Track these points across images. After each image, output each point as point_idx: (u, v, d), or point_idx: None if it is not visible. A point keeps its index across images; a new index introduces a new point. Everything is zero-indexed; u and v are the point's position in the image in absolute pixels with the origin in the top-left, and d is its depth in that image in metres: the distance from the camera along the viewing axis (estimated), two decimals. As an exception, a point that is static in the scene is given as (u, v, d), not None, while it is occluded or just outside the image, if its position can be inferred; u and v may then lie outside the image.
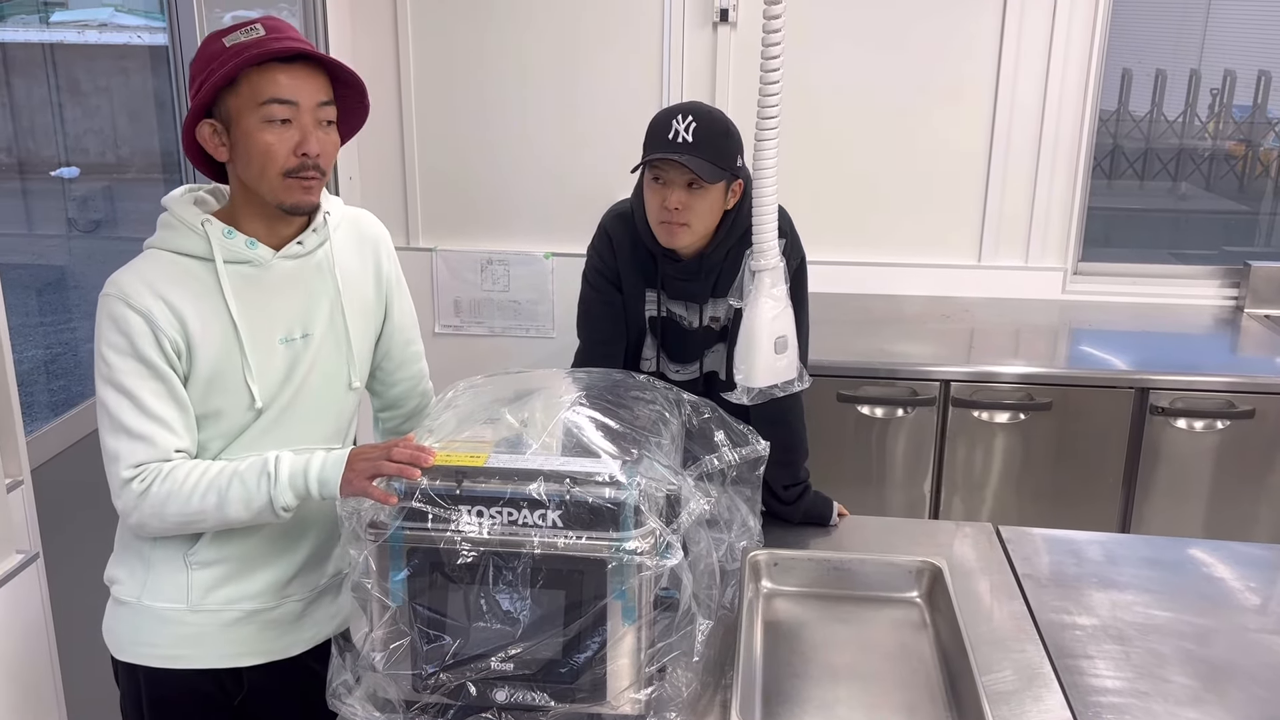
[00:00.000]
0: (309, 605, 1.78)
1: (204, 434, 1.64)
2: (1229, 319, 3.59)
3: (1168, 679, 1.68)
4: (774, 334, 1.73)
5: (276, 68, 1.55)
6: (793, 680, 1.67)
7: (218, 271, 1.61)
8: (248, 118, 1.56)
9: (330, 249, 1.72)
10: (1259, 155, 4.05)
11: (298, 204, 1.62)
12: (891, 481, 3.14)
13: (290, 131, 1.57)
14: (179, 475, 1.58)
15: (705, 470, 1.69)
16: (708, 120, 1.95)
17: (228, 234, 1.62)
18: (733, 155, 1.97)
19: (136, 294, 1.56)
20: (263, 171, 1.58)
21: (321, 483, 1.55)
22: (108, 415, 1.58)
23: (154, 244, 1.63)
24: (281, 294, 1.67)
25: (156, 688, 1.73)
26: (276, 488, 1.56)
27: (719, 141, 1.94)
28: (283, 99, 1.55)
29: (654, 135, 1.97)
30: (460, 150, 3.79)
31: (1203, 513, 3.07)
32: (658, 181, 1.97)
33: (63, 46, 3.28)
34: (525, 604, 1.39)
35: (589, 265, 2.19)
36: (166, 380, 1.58)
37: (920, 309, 3.61)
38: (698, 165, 1.91)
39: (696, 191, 1.95)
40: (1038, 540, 2.14)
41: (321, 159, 1.60)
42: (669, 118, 1.95)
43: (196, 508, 1.57)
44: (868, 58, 3.59)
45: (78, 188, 3.43)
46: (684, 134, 1.92)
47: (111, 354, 1.57)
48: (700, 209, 1.97)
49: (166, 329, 1.56)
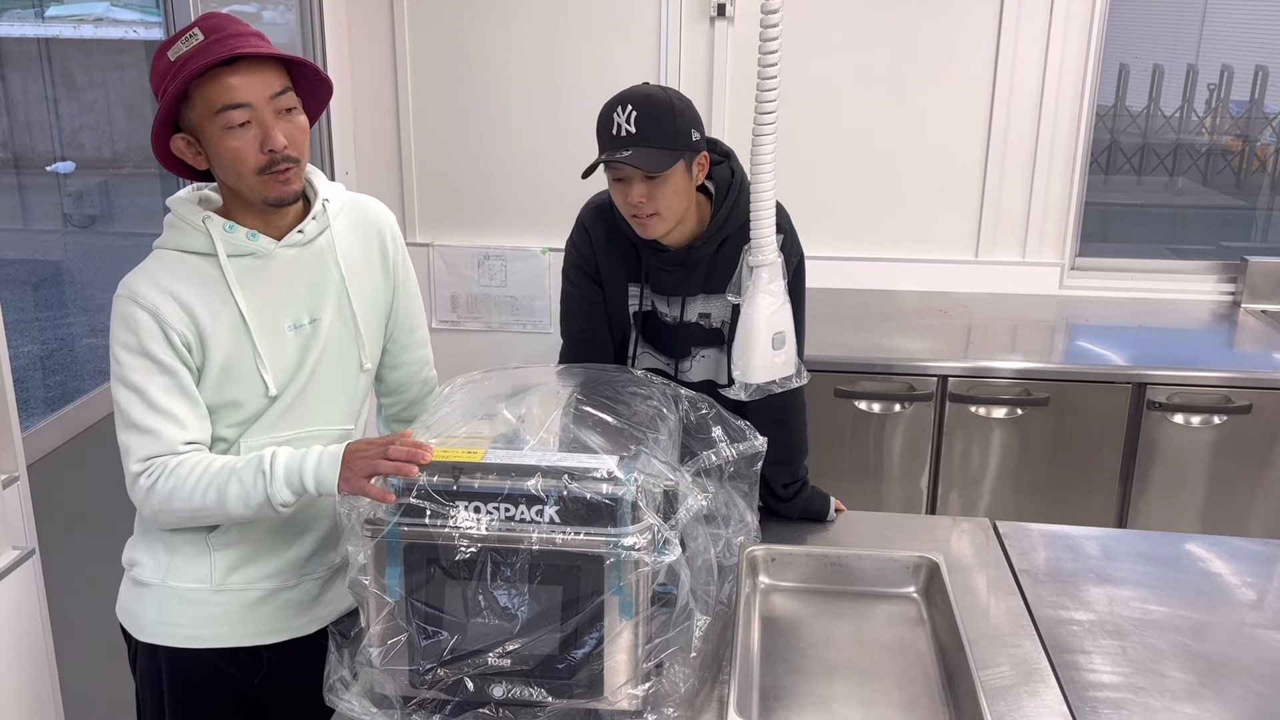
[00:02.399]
0: (326, 582, 1.81)
1: (222, 423, 1.67)
2: (1226, 314, 3.59)
3: (1164, 674, 1.68)
4: (772, 330, 1.73)
5: (222, 72, 1.54)
6: (790, 676, 1.67)
7: (222, 266, 1.64)
8: (209, 127, 1.57)
9: (331, 235, 1.74)
10: (1256, 150, 4.05)
11: (279, 197, 1.63)
12: (888, 477, 3.14)
13: (252, 131, 1.57)
14: (183, 471, 1.60)
15: (703, 466, 1.69)
16: (648, 104, 1.87)
17: (229, 228, 1.65)
18: (684, 133, 1.89)
19: (145, 292, 1.60)
20: (238, 174, 1.59)
21: (319, 480, 1.55)
22: (119, 411, 1.62)
23: (161, 244, 1.67)
24: (287, 282, 1.70)
25: (178, 668, 1.75)
26: (273, 485, 1.57)
27: (665, 124, 1.86)
28: (235, 103, 1.55)
29: (600, 132, 1.91)
30: (457, 145, 3.79)
31: (1199, 508, 3.07)
32: (616, 179, 1.92)
33: (58, 41, 3.27)
34: (523, 600, 1.39)
35: (567, 261, 2.15)
36: (175, 374, 1.61)
37: (917, 304, 3.62)
38: (645, 158, 1.85)
39: (655, 181, 1.88)
40: (1035, 535, 2.14)
41: (291, 148, 1.60)
42: (610, 111, 1.88)
43: (199, 504, 1.60)
44: (864, 53, 3.59)
45: (73, 183, 3.41)
46: (626, 126, 1.85)
47: (122, 351, 1.60)
48: (665, 195, 1.90)
49: (175, 325, 1.60)
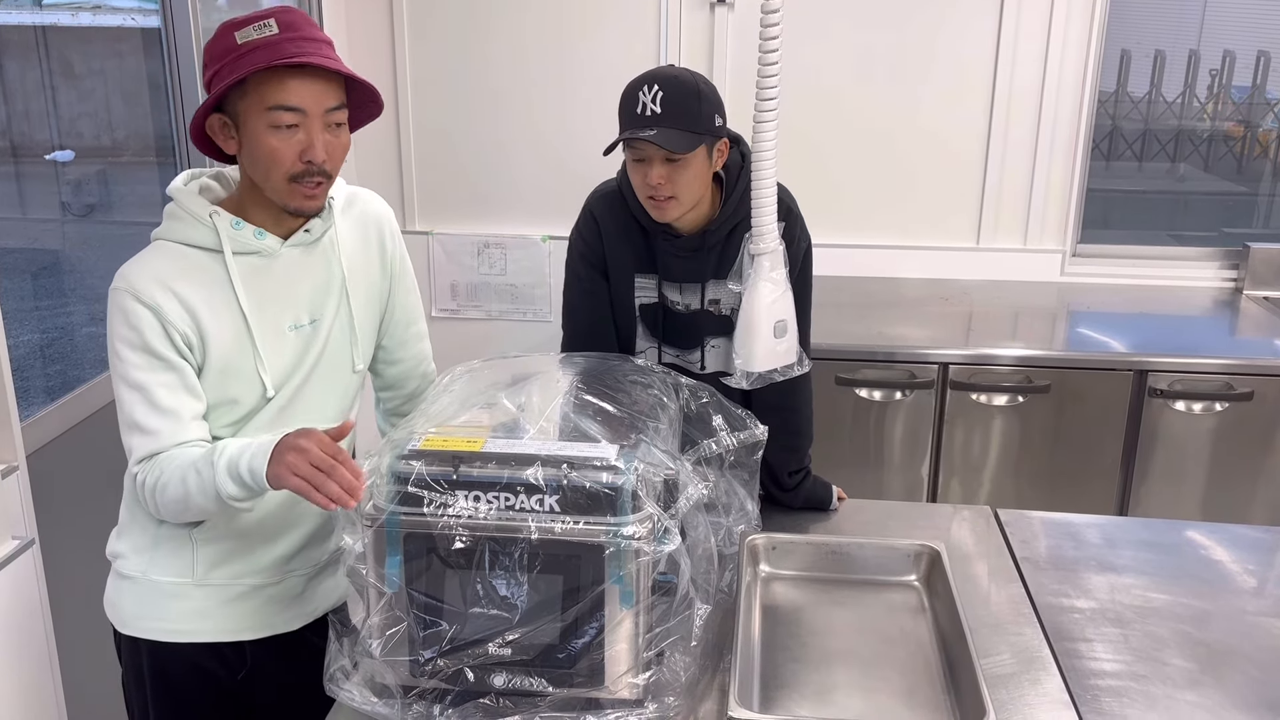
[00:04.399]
0: (311, 580, 1.80)
1: (217, 421, 1.65)
2: (1228, 301, 3.59)
3: (1166, 662, 1.68)
4: (774, 318, 1.73)
5: (286, 73, 1.51)
6: (791, 664, 1.67)
7: (226, 263, 1.61)
8: (255, 120, 1.54)
9: (335, 234, 1.72)
10: (1258, 136, 4.03)
11: (301, 208, 1.62)
12: (889, 464, 3.14)
13: (297, 136, 1.55)
14: (162, 466, 1.57)
15: (703, 455, 1.69)
16: (675, 86, 1.84)
17: (235, 225, 1.62)
18: (708, 116, 1.86)
19: (145, 288, 1.56)
20: (267, 174, 1.57)
21: (252, 472, 1.49)
22: (122, 410, 1.59)
23: (161, 235, 1.63)
24: (290, 282, 1.67)
25: (159, 662, 1.74)
26: (218, 477, 1.51)
27: (690, 106, 1.83)
28: (290, 106, 1.52)
29: (624, 110, 1.87)
30: (457, 133, 3.78)
31: (1201, 495, 3.07)
32: (637, 160, 1.89)
33: (56, 29, 3.26)
34: (522, 589, 1.39)
35: (572, 251, 2.10)
36: (179, 370, 1.58)
37: (919, 291, 3.61)
38: (669, 139, 1.81)
39: (677, 163, 1.85)
40: (1036, 523, 2.14)
41: (328, 163, 1.58)
42: (635, 90, 1.85)
43: (176, 497, 1.57)
44: (865, 39, 3.58)
45: (71, 171, 3.41)
46: (652, 105, 1.82)
47: (124, 348, 1.57)
48: (685, 179, 1.87)
49: (176, 322, 1.56)
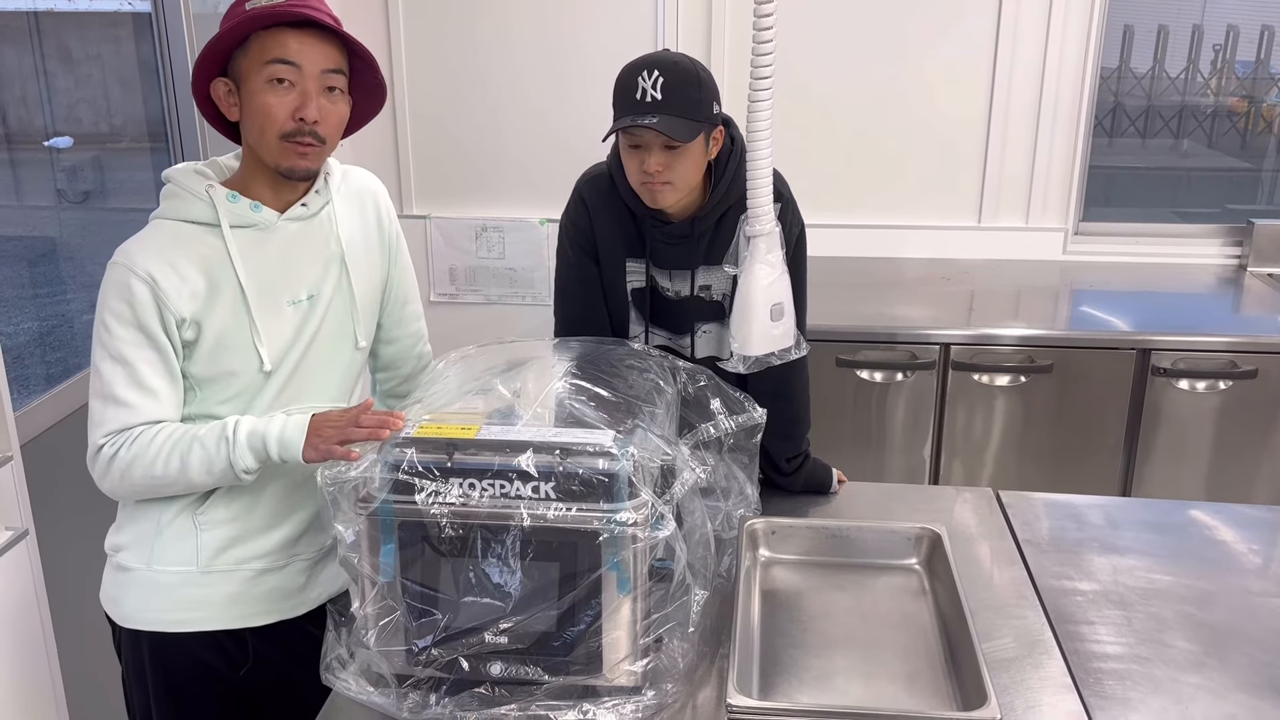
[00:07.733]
0: (315, 565, 1.80)
1: (215, 398, 1.66)
2: (1231, 278, 3.56)
3: (1169, 644, 1.67)
4: (770, 301, 1.71)
5: (286, 31, 1.56)
6: (791, 649, 1.66)
7: (225, 236, 1.62)
8: (254, 77, 1.58)
9: (333, 209, 1.74)
10: (1261, 112, 4.00)
11: (292, 168, 1.63)
12: (891, 446, 3.12)
13: (292, 94, 1.58)
14: (145, 439, 1.59)
15: (701, 438, 1.68)
16: (676, 72, 1.80)
17: (232, 198, 1.64)
18: (707, 104, 1.83)
19: (143, 263, 1.57)
20: (262, 133, 1.60)
21: (282, 444, 1.56)
22: (100, 380, 1.60)
23: (160, 214, 1.65)
24: (288, 257, 1.68)
25: (161, 655, 1.73)
26: (235, 451, 1.57)
27: (690, 93, 1.80)
28: (286, 59, 1.56)
29: (622, 95, 1.82)
30: (453, 116, 3.75)
31: (1204, 474, 3.05)
32: (633, 146, 1.85)
33: (50, 14, 3.23)
34: (517, 577, 1.38)
35: (563, 235, 2.06)
36: (162, 351, 1.60)
37: (920, 271, 3.59)
38: (671, 127, 1.78)
39: (675, 151, 1.82)
40: (1038, 505, 2.13)
41: (321, 126, 1.61)
42: (634, 75, 1.81)
43: (160, 471, 1.59)
44: (865, 16, 3.54)
45: (67, 158, 3.39)
46: (652, 91, 1.78)
47: (114, 322, 1.58)
48: (681, 166, 1.84)
49: (172, 296, 1.57)
